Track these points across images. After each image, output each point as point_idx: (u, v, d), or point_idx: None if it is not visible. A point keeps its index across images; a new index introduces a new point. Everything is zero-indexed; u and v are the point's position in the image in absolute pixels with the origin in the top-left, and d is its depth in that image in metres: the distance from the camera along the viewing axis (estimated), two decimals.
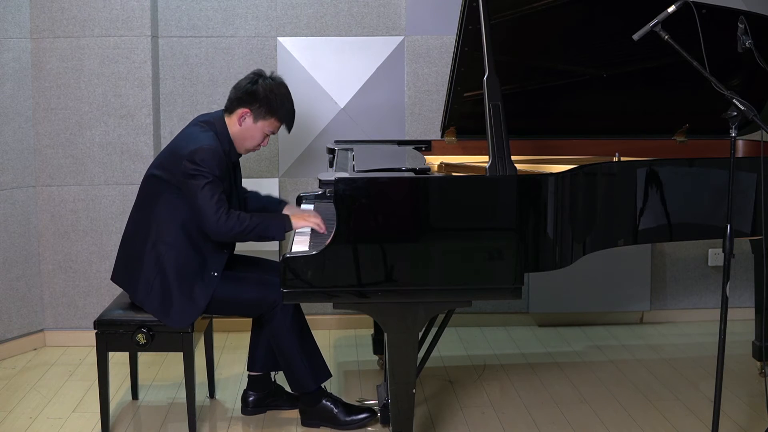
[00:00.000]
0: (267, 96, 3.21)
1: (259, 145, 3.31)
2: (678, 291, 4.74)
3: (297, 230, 3.26)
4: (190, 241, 3.19)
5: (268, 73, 3.29)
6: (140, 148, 4.24)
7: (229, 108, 3.27)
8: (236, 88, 3.28)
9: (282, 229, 3.18)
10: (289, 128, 3.34)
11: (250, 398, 3.50)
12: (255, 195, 3.59)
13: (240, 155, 3.37)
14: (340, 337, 4.48)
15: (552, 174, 2.95)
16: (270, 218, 3.21)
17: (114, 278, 3.35)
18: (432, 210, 2.85)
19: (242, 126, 3.25)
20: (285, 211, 3.52)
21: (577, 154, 3.88)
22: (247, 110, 3.23)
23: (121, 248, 3.34)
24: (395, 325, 2.87)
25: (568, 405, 3.59)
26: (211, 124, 3.25)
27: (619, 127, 3.93)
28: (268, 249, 4.25)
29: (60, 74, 4.21)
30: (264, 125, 3.25)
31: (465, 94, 3.60)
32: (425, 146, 3.91)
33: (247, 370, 3.51)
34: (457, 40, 3.36)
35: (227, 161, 3.23)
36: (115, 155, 4.26)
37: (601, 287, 4.66)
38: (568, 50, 3.67)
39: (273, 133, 3.31)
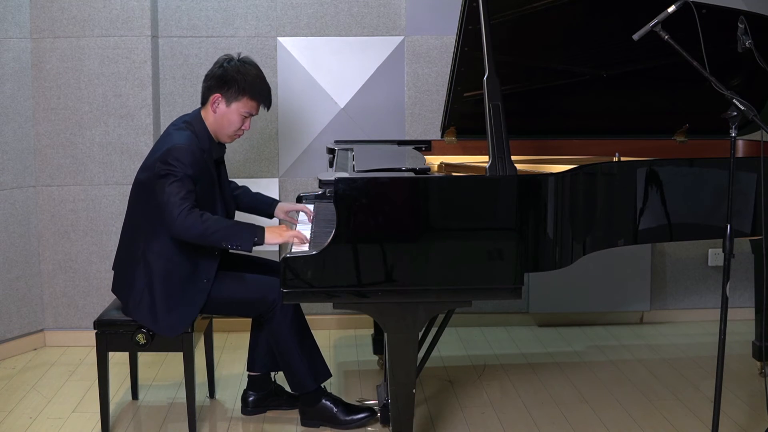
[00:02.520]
0: (234, 77, 3.18)
1: (240, 128, 3.25)
2: (678, 291, 4.74)
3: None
4: (179, 249, 3.15)
5: (235, 56, 3.26)
6: (140, 148, 4.24)
7: (203, 100, 3.25)
8: (205, 78, 3.25)
9: (250, 242, 3.06)
10: (267, 106, 3.29)
11: (250, 398, 3.50)
12: (246, 191, 3.57)
13: (224, 152, 3.35)
14: (340, 337, 4.48)
15: (552, 174, 2.95)
16: (239, 227, 3.12)
17: (113, 288, 3.34)
18: (432, 210, 2.85)
19: (217, 113, 3.21)
20: (276, 211, 3.50)
21: (577, 154, 3.88)
22: (217, 95, 3.19)
23: (116, 257, 3.34)
24: (395, 325, 2.87)
25: (568, 405, 3.59)
26: (189, 124, 3.22)
27: (619, 127, 3.93)
28: (268, 249, 4.24)
29: (60, 74, 4.21)
30: (238, 107, 3.20)
31: (465, 94, 3.60)
32: (425, 146, 3.91)
33: (247, 370, 3.51)
34: (457, 40, 3.36)
35: (206, 160, 3.19)
36: (115, 155, 4.26)
37: (601, 287, 4.66)
38: (568, 50, 3.67)
39: (251, 114, 3.25)
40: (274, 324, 3.24)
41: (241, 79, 3.18)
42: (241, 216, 3.55)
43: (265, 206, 3.56)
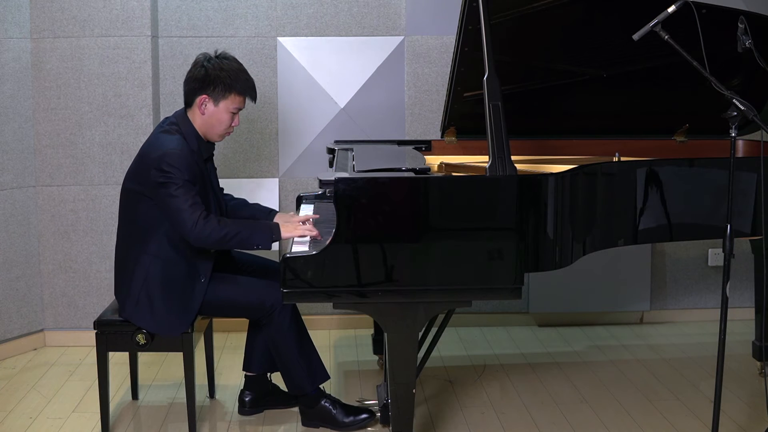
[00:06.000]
0: (218, 75, 3.14)
1: (231, 126, 3.22)
2: (678, 291, 4.74)
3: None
4: (175, 250, 3.14)
5: (212, 54, 3.22)
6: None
7: (188, 101, 3.21)
8: (186, 81, 3.21)
9: (268, 239, 3.09)
10: (254, 98, 3.25)
11: (247, 398, 3.49)
12: (243, 203, 3.51)
13: (213, 149, 3.32)
14: (340, 337, 4.48)
15: (552, 174, 2.95)
16: (255, 226, 3.13)
17: (115, 292, 3.32)
18: (432, 210, 2.85)
19: (206, 114, 3.17)
20: (276, 220, 3.41)
21: (577, 154, 3.88)
22: (204, 96, 3.15)
23: (115, 263, 3.32)
24: (395, 325, 2.87)
25: (568, 405, 3.59)
26: (176, 126, 3.18)
27: (619, 127, 3.93)
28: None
29: (60, 74, 4.21)
30: (226, 104, 3.17)
31: (465, 94, 3.60)
32: (425, 146, 3.91)
33: (243, 370, 3.51)
34: (457, 40, 3.36)
35: (198, 160, 3.17)
36: (115, 155, 4.26)
37: (601, 287, 4.66)
38: (568, 50, 3.67)
39: (240, 109, 3.22)
40: (272, 328, 3.23)
41: (225, 77, 3.14)
42: None
43: (263, 215, 3.47)
